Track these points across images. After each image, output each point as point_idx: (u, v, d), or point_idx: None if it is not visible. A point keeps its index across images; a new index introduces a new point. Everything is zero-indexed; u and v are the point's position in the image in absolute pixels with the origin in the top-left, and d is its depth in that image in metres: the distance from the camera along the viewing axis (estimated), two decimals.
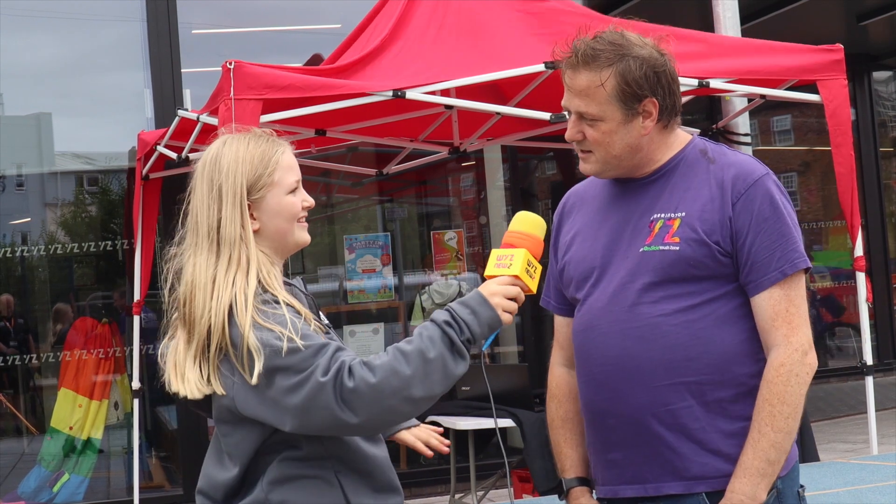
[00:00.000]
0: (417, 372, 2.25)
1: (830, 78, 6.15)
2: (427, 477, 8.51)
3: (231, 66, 5.11)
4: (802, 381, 2.42)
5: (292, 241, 2.48)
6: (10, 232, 8.89)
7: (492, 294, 2.36)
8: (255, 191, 2.42)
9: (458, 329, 2.30)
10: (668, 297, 2.46)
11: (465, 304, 2.34)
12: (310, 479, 2.37)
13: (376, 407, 2.25)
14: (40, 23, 8.56)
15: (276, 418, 2.30)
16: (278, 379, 2.27)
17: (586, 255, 2.60)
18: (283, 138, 2.54)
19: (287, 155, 2.48)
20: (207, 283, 2.35)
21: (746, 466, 2.41)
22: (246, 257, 2.38)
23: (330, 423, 2.26)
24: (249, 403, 2.31)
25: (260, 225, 2.43)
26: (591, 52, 2.47)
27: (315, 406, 2.24)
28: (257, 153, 2.44)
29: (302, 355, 2.27)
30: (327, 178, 9.69)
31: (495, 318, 2.34)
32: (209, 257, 2.39)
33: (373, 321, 9.28)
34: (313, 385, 2.23)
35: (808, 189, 12.35)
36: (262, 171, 2.43)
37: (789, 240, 2.46)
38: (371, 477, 2.43)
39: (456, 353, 2.29)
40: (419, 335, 2.31)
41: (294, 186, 2.47)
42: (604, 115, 2.48)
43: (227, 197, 2.40)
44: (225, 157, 2.44)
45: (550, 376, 2.76)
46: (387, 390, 2.24)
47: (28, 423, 8.50)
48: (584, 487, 2.66)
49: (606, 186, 2.65)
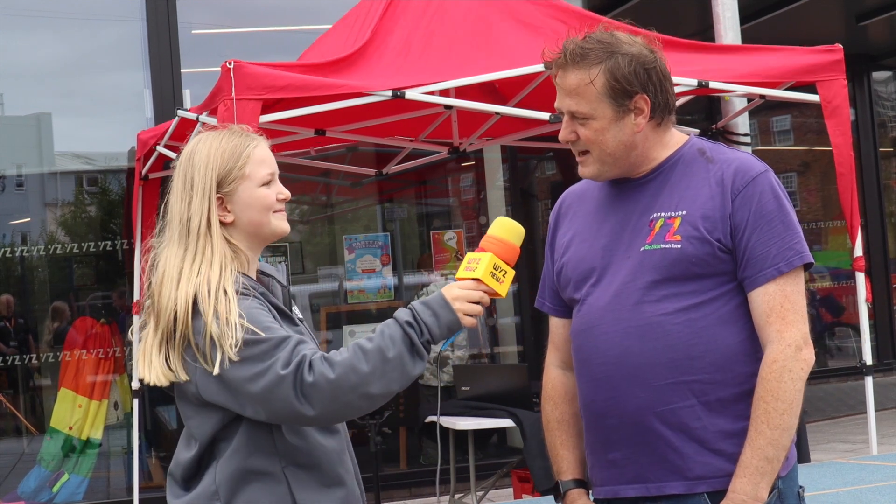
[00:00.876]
0: (376, 370, 2.33)
1: (830, 78, 6.15)
2: (427, 477, 8.52)
3: (231, 67, 5.11)
4: (797, 376, 2.41)
5: (268, 232, 2.55)
6: (10, 232, 8.89)
7: (454, 298, 2.42)
8: (227, 184, 2.50)
9: (418, 330, 2.38)
10: (669, 296, 2.46)
11: (428, 305, 2.41)
12: (257, 476, 2.44)
13: (333, 402, 2.33)
14: (40, 23, 8.56)
15: (237, 405, 2.38)
16: (239, 368, 2.35)
17: (585, 255, 2.60)
18: (263, 138, 2.61)
19: (260, 149, 2.55)
20: (174, 274, 2.44)
21: (746, 465, 2.40)
22: (210, 249, 2.46)
23: (288, 414, 2.35)
24: (211, 389, 2.40)
25: (234, 217, 2.51)
26: (580, 50, 2.49)
27: (274, 397, 2.33)
28: (229, 147, 2.52)
29: (262, 347, 2.35)
30: (327, 178, 9.69)
31: (455, 322, 2.41)
32: (178, 250, 2.47)
33: (372, 321, 9.29)
34: (273, 377, 2.32)
35: (808, 189, 12.35)
36: (234, 165, 2.50)
37: (787, 237, 2.46)
38: (319, 470, 2.48)
39: (415, 353, 2.37)
40: (381, 333, 2.37)
41: (267, 179, 2.54)
42: (594, 112, 2.49)
43: (196, 190, 2.49)
44: (198, 153, 2.53)
45: (545, 378, 2.75)
46: (345, 386, 2.32)
47: (28, 423, 8.50)
48: (581, 489, 2.66)
49: (604, 187, 2.64)
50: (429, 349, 2.39)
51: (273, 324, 2.41)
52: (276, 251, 9.23)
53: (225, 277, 2.44)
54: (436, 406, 7.32)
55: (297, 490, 2.44)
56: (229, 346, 2.34)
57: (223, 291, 2.40)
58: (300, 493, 2.44)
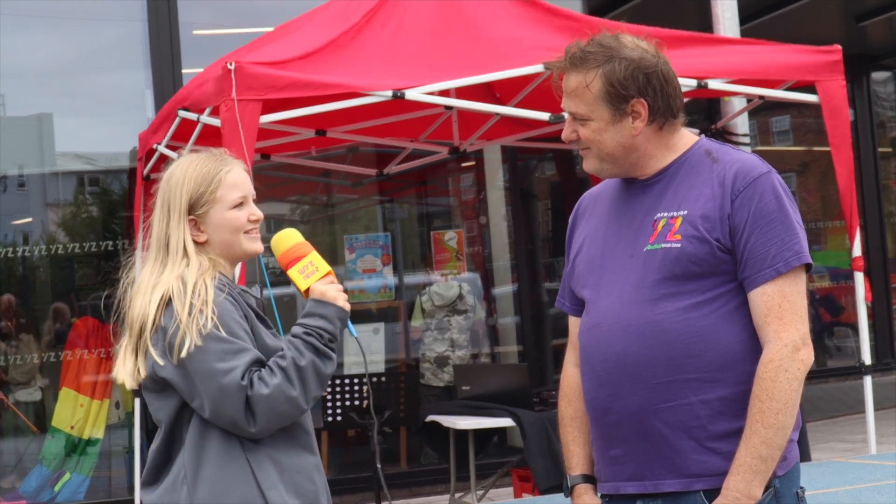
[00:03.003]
0: (296, 380, 2.56)
1: (829, 79, 6.16)
2: (427, 476, 8.53)
3: (231, 67, 5.11)
4: (793, 376, 2.43)
5: (239, 252, 2.73)
6: (12, 232, 8.90)
7: (323, 293, 2.66)
8: (199, 206, 2.69)
9: (316, 335, 2.61)
10: (670, 295, 2.49)
11: (309, 314, 2.64)
12: (218, 455, 2.57)
13: (271, 415, 2.55)
14: (41, 23, 8.57)
15: (188, 392, 2.56)
16: (199, 360, 2.53)
17: (594, 255, 2.65)
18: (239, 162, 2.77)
19: (233, 174, 2.72)
20: (147, 287, 2.64)
21: (740, 464, 2.42)
22: (186, 264, 2.64)
23: (230, 423, 2.55)
24: (168, 368, 2.57)
25: (207, 237, 2.70)
26: (581, 54, 2.55)
27: (225, 403, 2.52)
28: (202, 172, 2.70)
29: (225, 346, 2.54)
30: (328, 178, 9.70)
31: (339, 309, 2.66)
32: (155, 265, 2.68)
33: (373, 321, 9.30)
34: (231, 383, 2.51)
35: (807, 189, 12.37)
36: (205, 189, 2.68)
37: (786, 237, 2.47)
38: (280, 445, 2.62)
39: (322, 355, 2.60)
40: (288, 349, 2.59)
41: (238, 202, 2.71)
42: (592, 114, 2.55)
43: (173, 213, 2.69)
44: (174, 176, 2.73)
45: (563, 376, 2.79)
46: (279, 399, 2.54)
47: (29, 423, 8.51)
48: (588, 485, 2.68)
49: (616, 188, 2.69)
50: (332, 347, 2.61)
51: (240, 331, 2.58)
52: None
53: (204, 275, 2.61)
54: (436, 406, 7.34)
55: (258, 471, 2.57)
56: (197, 332, 2.51)
57: (201, 285, 2.58)
58: (260, 471, 2.57)
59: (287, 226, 10.12)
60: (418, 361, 9.03)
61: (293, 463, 2.62)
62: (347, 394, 6.17)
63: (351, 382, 6.22)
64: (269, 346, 2.63)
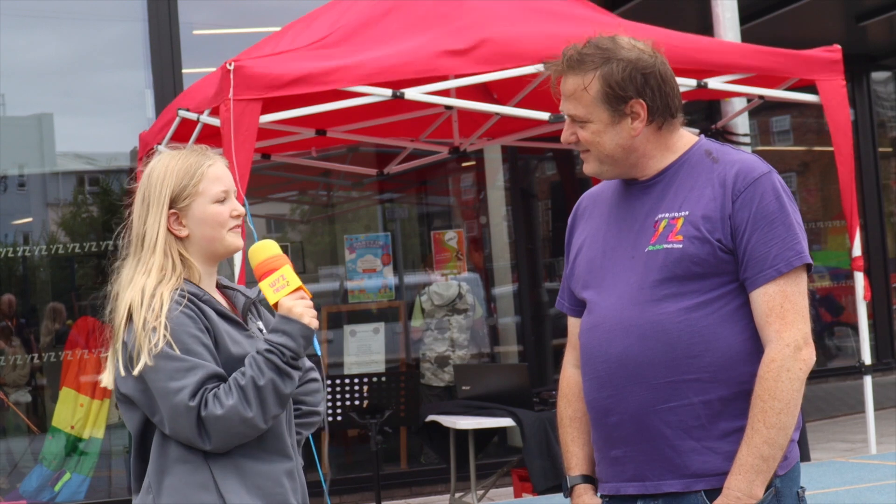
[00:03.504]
0: (254, 401, 2.52)
1: (829, 79, 6.16)
2: (427, 476, 8.53)
3: (231, 67, 5.11)
4: (794, 376, 2.43)
5: (222, 247, 2.69)
6: (12, 232, 8.90)
7: (289, 310, 2.60)
8: (181, 200, 2.65)
9: (278, 353, 2.56)
10: (671, 296, 2.49)
11: (275, 330, 2.60)
12: (181, 463, 2.56)
13: (226, 435, 2.53)
14: (41, 23, 8.57)
15: (148, 408, 2.57)
16: (153, 378, 2.52)
17: (594, 256, 2.65)
18: (221, 157, 2.74)
19: (215, 168, 2.69)
20: (125, 286, 2.63)
21: (741, 463, 2.43)
22: (154, 260, 2.62)
23: (187, 440, 2.55)
24: (129, 383, 2.58)
25: (189, 232, 2.66)
26: (578, 56, 2.56)
27: (178, 423, 2.52)
28: (185, 165, 2.66)
29: (175, 364, 2.52)
30: (328, 178, 9.70)
31: (304, 327, 2.60)
32: (132, 262, 2.66)
33: (373, 321, 9.30)
34: (181, 404, 2.50)
35: (807, 189, 12.37)
36: (188, 182, 2.65)
37: (787, 237, 2.48)
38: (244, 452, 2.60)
39: (283, 374, 2.56)
40: (249, 366, 2.55)
41: (221, 197, 2.67)
42: (590, 116, 2.56)
43: (152, 207, 2.65)
44: (155, 171, 2.68)
45: (562, 376, 2.80)
46: (234, 420, 2.51)
47: (30, 423, 8.51)
48: (588, 485, 2.69)
49: (616, 189, 2.69)
50: (295, 365, 2.57)
51: (197, 346, 2.54)
52: None
53: (162, 285, 2.58)
54: (436, 406, 7.34)
55: (219, 477, 2.56)
56: (147, 351, 2.50)
57: (157, 298, 2.55)
58: (222, 480, 2.56)
59: (287, 226, 10.15)
60: (419, 361, 9.02)
61: (260, 468, 2.60)
62: (347, 394, 6.17)
63: (351, 382, 6.22)
64: (234, 356, 2.60)
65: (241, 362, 2.58)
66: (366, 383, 6.20)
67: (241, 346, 2.62)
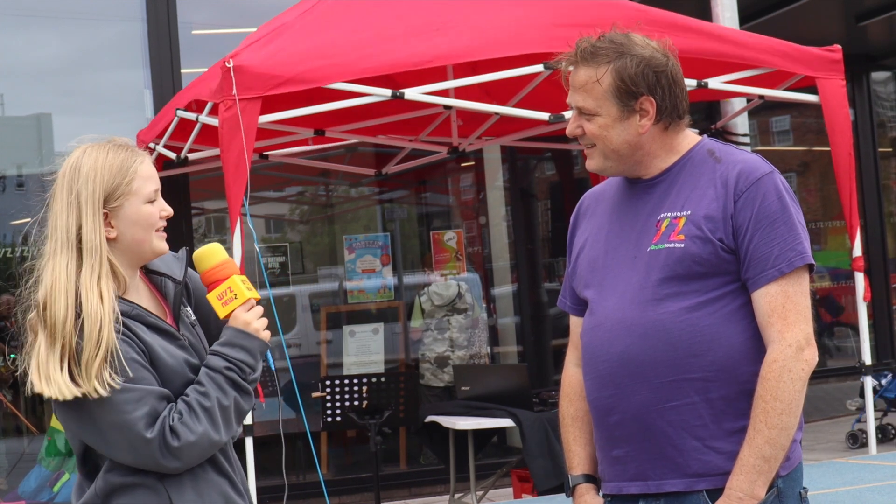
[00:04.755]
0: (220, 421, 2.44)
1: (829, 78, 6.15)
2: (427, 477, 8.52)
3: (230, 66, 5.09)
4: (797, 377, 2.43)
5: (149, 250, 2.53)
6: (11, 232, 8.89)
7: (246, 324, 2.51)
8: (113, 199, 2.47)
9: (238, 370, 2.48)
10: (673, 295, 2.49)
11: (231, 344, 2.49)
12: (134, 487, 2.44)
13: (195, 457, 2.44)
14: (40, 22, 8.56)
15: (100, 444, 2.41)
16: (100, 408, 2.36)
17: (597, 255, 2.65)
18: (146, 153, 2.58)
19: (146, 165, 2.52)
20: (68, 287, 2.41)
21: (743, 463, 2.42)
22: (100, 265, 2.43)
23: (151, 466, 2.41)
24: (68, 414, 2.42)
25: (117, 233, 2.48)
26: (592, 49, 2.55)
27: (140, 454, 2.39)
28: (116, 162, 2.48)
29: (125, 396, 2.36)
30: (327, 178, 9.69)
31: (260, 342, 2.52)
32: (70, 263, 2.43)
33: (372, 321, 9.29)
34: (138, 437, 2.36)
35: (807, 189, 12.36)
36: (121, 181, 2.47)
37: (789, 238, 2.47)
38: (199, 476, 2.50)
39: (243, 392, 2.49)
40: (209, 384, 2.45)
41: (153, 197, 2.51)
42: (600, 109, 2.55)
43: (86, 205, 2.44)
44: (84, 166, 2.48)
45: (564, 376, 2.79)
46: (204, 444, 2.43)
47: (28, 423, 8.50)
48: (590, 485, 2.69)
49: (618, 188, 2.69)
50: (251, 381, 2.51)
51: (140, 371, 2.39)
52: (277, 251, 9.22)
53: (106, 299, 2.41)
54: (436, 406, 7.33)
55: (174, 495, 2.45)
56: (97, 383, 2.33)
57: (107, 324, 2.37)
58: (176, 494, 2.45)
59: (286, 226, 10.13)
60: (418, 362, 9.02)
61: (211, 477, 2.51)
62: (347, 394, 6.16)
63: (350, 383, 6.21)
64: (170, 368, 2.45)
65: (176, 373, 2.46)
66: (365, 384, 6.19)
67: (176, 358, 2.48)
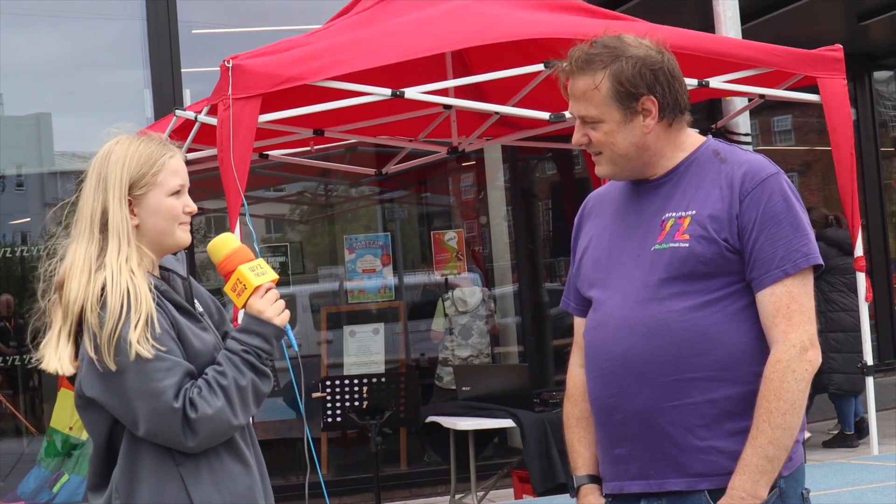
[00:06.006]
0: (237, 401, 2.52)
1: (830, 78, 6.14)
2: (427, 477, 8.51)
3: (229, 65, 5.08)
4: (800, 377, 2.43)
5: (171, 241, 2.63)
6: (10, 232, 8.89)
7: (259, 312, 2.59)
8: (138, 188, 2.58)
9: (255, 355, 2.56)
10: (677, 295, 2.49)
11: (247, 331, 2.57)
12: (151, 473, 2.50)
13: (212, 434, 2.51)
14: (40, 22, 8.56)
15: (122, 410, 2.48)
16: (131, 375, 2.44)
17: (601, 255, 2.65)
18: (180, 150, 2.67)
19: (175, 160, 2.63)
20: (83, 267, 2.50)
21: (746, 463, 2.42)
22: (128, 244, 2.53)
23: (167, 440, 2.49)
24: (95, 386, 2.48)
25: (139, 221, 2.59)
26: (586, 56, 2.55)
27: (162, 425, 2.46)
28: (145, 153, 2.59)
29: (156, 364, 2.45)
30: (327, 178, 9.69)
31: (276, 328, 2.59)
32: (89, 245, 2.53)
33: (373, 321, 9.28)
34: (165, 406, 2.44)
35: (809, 189, 12.35)
36: (147, 171, 2.58)
37: (794, 238, 2.47)
38: (215, 462, 2.56)
39: (261, 374, 2.57)
40: (227, 366, 2.53)
41: (176, 190, 2.62)
42: (603, 116, 2.55)
43: (112, 189, 2.56)
44: (115, 153, 2.60)
45: (568, 377, 2.79)
46: (222, 419, 2.50)
47: (28, 424, 8.49)
48: (594, 485, 2.68)
49: (624, 188, 2.69)
50: (269, 365, 2.58)
51: (170, 342, 2.49)
52: (277, 251, 9.22)
53: (138, 274, 2.50)
54: (437, 407, 7.32)
55: (191, 486, 2.51)
56: (135, 348, 2.41)
57: (142, 292, 2.47)
58: (194, 488, 2.51)
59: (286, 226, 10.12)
60: (436, 364, 9.01)
61: (230, 468, 2.56)
62: (347, 395, 6.15)
63: (350, 383, 6.20)
64: (197, 350, 2.54)
65: (203, 357, 2.54)
66: (365, 384, 6.18)
67: (202, 340, 2.57)
